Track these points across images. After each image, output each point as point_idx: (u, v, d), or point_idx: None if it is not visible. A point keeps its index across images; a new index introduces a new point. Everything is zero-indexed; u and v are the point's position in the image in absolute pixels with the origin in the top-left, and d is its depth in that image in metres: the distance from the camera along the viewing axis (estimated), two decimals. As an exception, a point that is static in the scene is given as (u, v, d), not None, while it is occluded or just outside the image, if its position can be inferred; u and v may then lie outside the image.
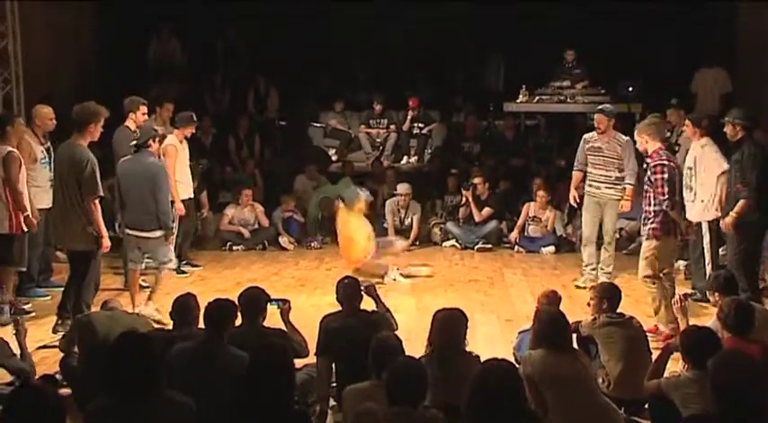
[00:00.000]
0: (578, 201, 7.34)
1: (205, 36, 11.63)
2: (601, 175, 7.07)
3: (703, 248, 6.41)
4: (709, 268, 6.25)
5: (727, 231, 6.09)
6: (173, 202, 6.77)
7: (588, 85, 10.64)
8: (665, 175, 5.53)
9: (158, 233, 6.12)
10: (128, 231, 6.20)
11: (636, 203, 6.76)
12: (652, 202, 5.65)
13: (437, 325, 4.14)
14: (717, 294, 4.78)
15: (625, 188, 6.93)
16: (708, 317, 5.45)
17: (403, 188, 9.40)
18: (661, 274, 5.73)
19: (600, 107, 7.23)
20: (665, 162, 5.59)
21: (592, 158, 7.12)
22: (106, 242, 5.71)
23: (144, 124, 6.68)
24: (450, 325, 4.11)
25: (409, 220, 9.38)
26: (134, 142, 6.20)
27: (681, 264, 7.37)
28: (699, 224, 6.36)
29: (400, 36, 11.68)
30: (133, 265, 6.27)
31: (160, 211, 6.06)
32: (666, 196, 5.54)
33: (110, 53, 11.32)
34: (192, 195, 7.78)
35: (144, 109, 7.08)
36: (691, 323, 4.48)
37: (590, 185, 7.16)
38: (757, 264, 6.30)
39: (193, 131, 7.70)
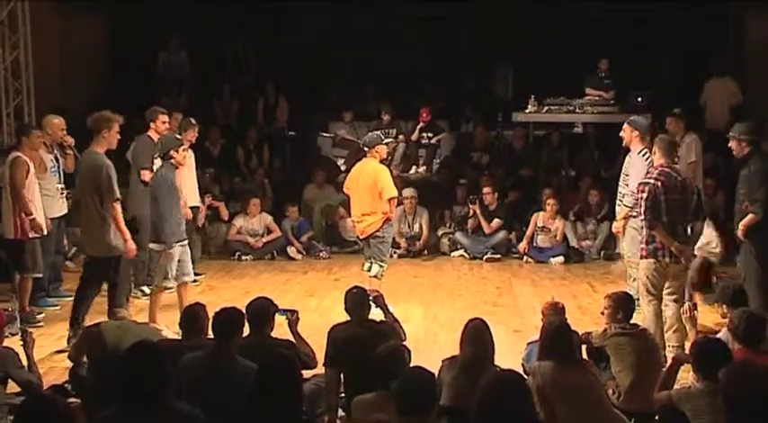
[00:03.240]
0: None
1: (213, 47, 11.70)
2: (619, 191, 6.75)
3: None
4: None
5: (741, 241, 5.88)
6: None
7: (616, 96, 10.50)
8: (644, 195, 5.35)
9: (156, 246, 6.13)
10: (150, 246, 6.23)
11: None
12: (639, 222, 5.58)
13: (469, 335, 4.15)
14: (725, 307, 4.74)
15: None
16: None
17: (408, 192, 9.40)
18: (669, 298, 5.43)
19: (630, 118, 6.80)
20: (650, 181, 5.40)
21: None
22: (131, 245, 5.74)
23: (167, 134, 6.67)
24: (480, 335, 4.12)
25: (417, 225, 9.39)
26: (156, 154, 6.31)
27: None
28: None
29: (408, 45, 11.71)
30: (165, 282, 6.07)
31: (156, 222, 6.04)
32: (645, 217, 5.35)
33: (120, 65, 11.41)
34: (198, 203, 7.85)
35: (164, 118, 7.14)
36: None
37: None
38: None
39: (196, 135, 7.68)
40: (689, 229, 5.60)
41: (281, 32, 11.42)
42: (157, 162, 6.78)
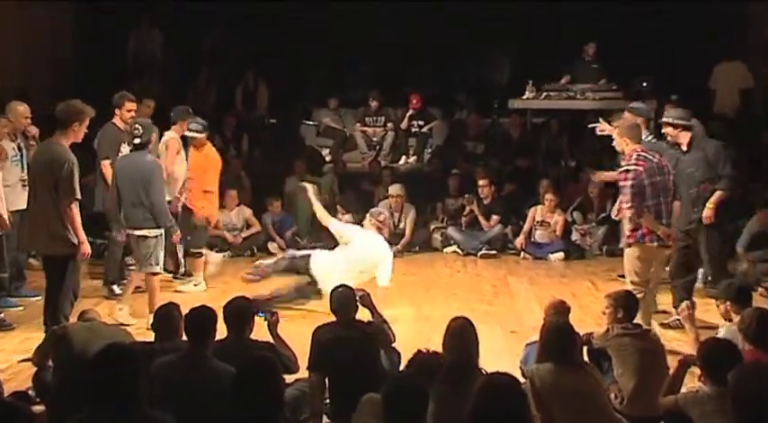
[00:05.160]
0: None
1: (190, 28, 11.63)
2: None
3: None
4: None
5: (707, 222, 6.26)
6: (170, 201, 6.91)
7: (607, 82, 10.61)
8: (629, 182, 5.50)
9: (155, 232, 6.24)
10: (128, 231, 6.35)
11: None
12: (626, 208, 5.66)
13: (450, 336, 4.13)
14: (729, 304, 4.77)
15: None
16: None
17: (395, 190, 9.38)
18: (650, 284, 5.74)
19: (631, 105, 7.05)
20: (633, 167, 5.54)
21: None
22: (85, 248, 5.68)
23: (146, 121, 6.71)
24: (464, 337, 4.10)
25: (403, 223, 9.38)
26: (137, 140, 6.30)
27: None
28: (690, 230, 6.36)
29: (398, 28, 11.70)
30: (150, 267, 6.35)
31: (156, 210, 6.21)
32: (629, 204, 5.52)
33: (87, 49, 11.32)
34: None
35: (131, 105, 7.16)
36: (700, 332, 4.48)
37: None
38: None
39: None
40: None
41: (261, 13, 11.35)
42: (125, 149, 6.77)
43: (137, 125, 6.42)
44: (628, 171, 5.55)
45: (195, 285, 7.55)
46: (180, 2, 11.20)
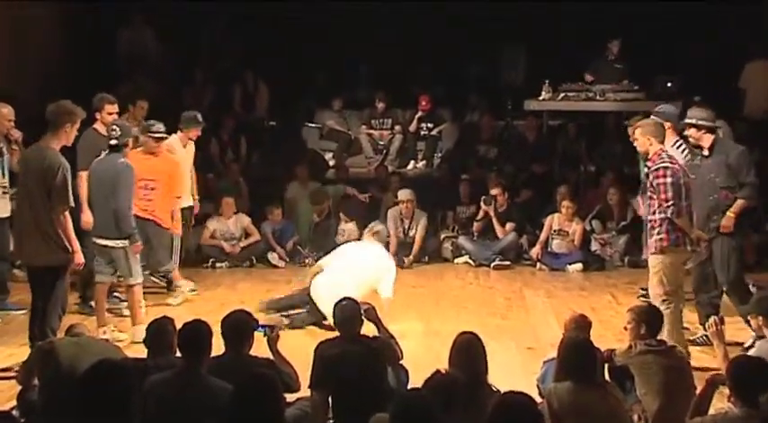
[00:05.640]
0: None
1: (187, 26, 11.67)
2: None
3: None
4: None
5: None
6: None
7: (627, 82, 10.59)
8: (669, 179, 5.55)
9: (119, 243, 6.24)
10: (93, 239, 6.37)
11: None
12: (657, 211, 5.66)
13: (456, 352, 4.13)
14: (761, 319, 4.76)
15: None
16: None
17: (405, 195, 9.40)
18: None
19: (657, 108, 6.97)
20: (668, 164, 5.61)
21: None
22: (79, 258, 5.71)
23: (125, 123, 6.75)
24: (471, 353, 4.11)
25: (414, 231, 9.38)
26: (114, 141, 6.32)
27: None
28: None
29: (406, 25, 11.71)
30: (100, 277, 6.41)
31: (118, 214, 6.20)
32: (671, 202, 5.55)
33: (78, 48, 11.36)
34: (190, 203, 8.00)
35: (111, 108, 7.13)
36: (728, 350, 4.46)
37: None
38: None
39: (199, 134, 7.89)
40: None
41: (262, 10, 11.39)
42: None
43: (114, 126, 6.47)
44: (666, 168, 5.57)
45: (191, 291, 7.58)
46: (179, 1, 11.25)
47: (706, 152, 6.24)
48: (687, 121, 6.28)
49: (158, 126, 7.29)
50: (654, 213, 5.67)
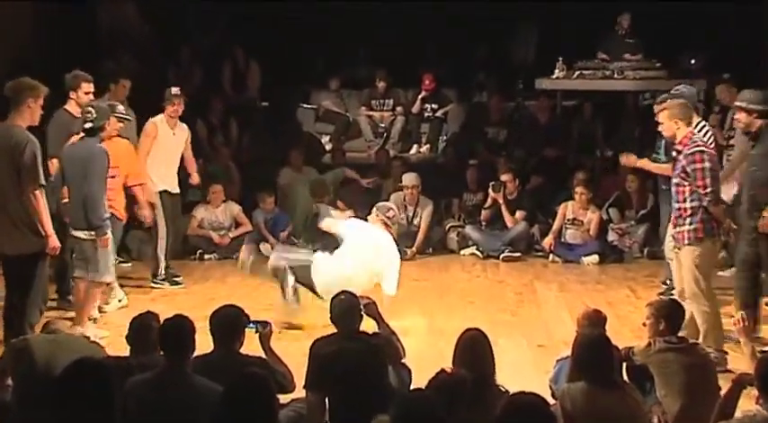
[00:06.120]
0: None
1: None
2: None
3: None
4: None
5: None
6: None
7: (643, 58, 10.57)
8: (706, 164, 5.53)
9: (88, 234, 6.19)
10: (71, 230, 6.34)
11: None
12: (688, 199, 5.64)
13: (460, 350, 4.13)
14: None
15: None
16: None
17: (410, 179, 9.39)
18: None
19: (673, 89, 6.95)
20: (704, 148, 5.60)
21: None
22: (53, 242, 5.69)
23: (101, 105, 6.70)
24: (477, 351, 4.10)
25: (418, 219, 9.38)
26: (89, 125, 6.29)
27: (727, 272, 7.37)
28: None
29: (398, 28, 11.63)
30: (78, 271, 6.38)
31: (88, 203, 6.12)
32: (710, 189, 5.53)
33: (52, 23, 11.30)
34: (177, 190, 8.03)
35: (87, 87, 7.07)
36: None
37: None
38: None
39: (176, 109, 7.82)
40: None
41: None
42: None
43: (89, 108, 6.42)
44: (702, 152, 5.55)
45: (119, 301, 7.27)
46: None
47: (752, 142, 6.04)
48: (738, 104, 6.08)
49: (121, 107, 7.15)
50: (684, 201, 5.65)
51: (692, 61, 10.22)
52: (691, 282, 5.66)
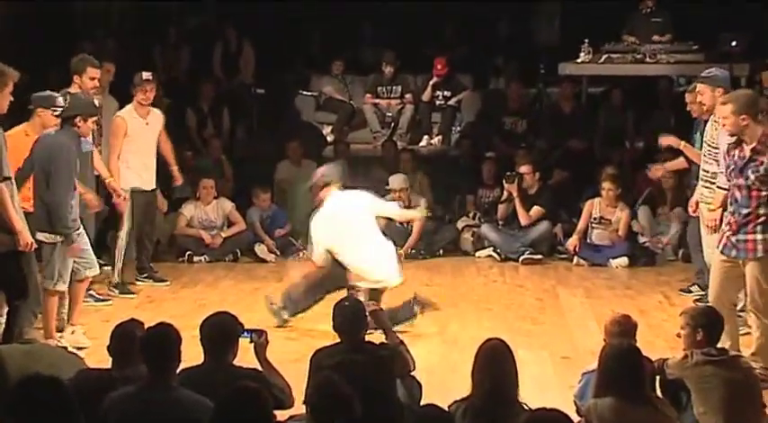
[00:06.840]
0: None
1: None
2: (703, 169, 6.86)
3: None
4: None
5: None
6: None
7: (673, 40, 10.56)
8: None
9: (51, 237, 6.11)
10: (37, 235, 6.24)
11: None
12: (763, 205, 5.61)
13: (481, 363, 4.14)
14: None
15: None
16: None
17: (397, 183, 9.25)
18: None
19: (703, 74, 6.92)
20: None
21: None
22: (24, 238, 5.70)
23: (78, 94, 6.72)
24: (498, 363, 4.11)
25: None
26: (57, 112, 6.29)
27: None
28: None
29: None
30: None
31: (51, 205, 6.07)
32: None
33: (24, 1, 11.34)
34: (153, 187, 8.04)
35: (94, 72, 7.18)
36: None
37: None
38: None
39: (146, 95, 7.79)
40: None
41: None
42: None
43: (64, 95, 6.42)
44: None
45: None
46: None
47: None
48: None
49: (60, 100, 7.13)
50: (758, 207, 5.61)
51: (733, 43, 10.16)
52: (759, 295, 5.64)
